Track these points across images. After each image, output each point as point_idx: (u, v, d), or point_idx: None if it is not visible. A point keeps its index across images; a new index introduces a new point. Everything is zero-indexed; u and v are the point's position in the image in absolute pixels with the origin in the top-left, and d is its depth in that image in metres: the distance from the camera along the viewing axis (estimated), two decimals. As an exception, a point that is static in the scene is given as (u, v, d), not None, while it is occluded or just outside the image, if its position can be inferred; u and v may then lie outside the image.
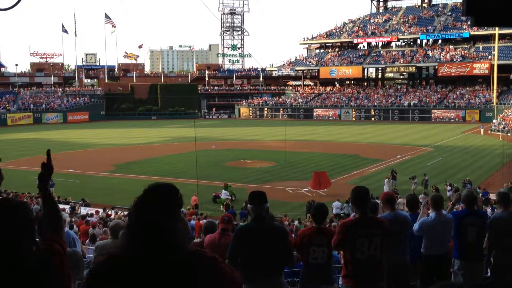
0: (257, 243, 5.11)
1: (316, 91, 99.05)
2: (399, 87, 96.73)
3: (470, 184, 27.86)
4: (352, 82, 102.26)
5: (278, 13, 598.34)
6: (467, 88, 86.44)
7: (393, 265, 6.03)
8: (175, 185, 2.55)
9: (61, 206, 23.25)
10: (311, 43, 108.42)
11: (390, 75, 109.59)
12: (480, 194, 25.30)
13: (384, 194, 7.09)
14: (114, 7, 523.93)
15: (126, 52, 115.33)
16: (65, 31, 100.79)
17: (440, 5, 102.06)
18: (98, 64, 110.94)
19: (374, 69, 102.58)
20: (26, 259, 2.43)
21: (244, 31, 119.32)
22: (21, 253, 2.41)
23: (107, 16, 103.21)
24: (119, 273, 2.33)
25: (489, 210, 18.04)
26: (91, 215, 20.31)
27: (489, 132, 61.56)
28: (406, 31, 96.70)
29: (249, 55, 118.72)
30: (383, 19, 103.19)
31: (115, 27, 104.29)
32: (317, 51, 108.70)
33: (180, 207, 2.53)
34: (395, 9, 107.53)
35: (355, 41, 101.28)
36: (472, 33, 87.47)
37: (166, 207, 2.43)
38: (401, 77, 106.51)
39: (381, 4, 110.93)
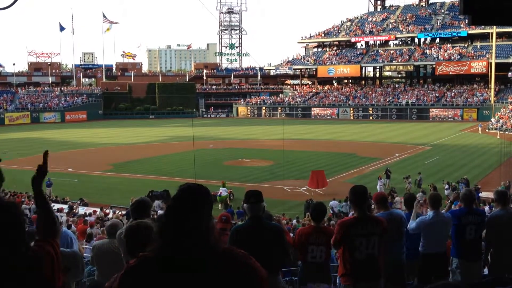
0: (253, 243, 5.11)
1: (314, 90, 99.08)
2: (397, 85, 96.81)
3: (464, 183, 27.83)
4: (350, 81, 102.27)
5: (276, 12, 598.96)
6: (465, 87, 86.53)
7: (389, 263, 6.03)
8: (204, 186, 2.57)
9: (59, 205, 23.27)
10: (309, 42, 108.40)
11: (388, 73, 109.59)
12: None
13: (376, 195, 7.10)
14: (112, 6, 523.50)
15: (123, 51, 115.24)
16: (62, 28, 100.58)
17: (437, 3, 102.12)
18: (95, 63, 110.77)
19: (372, 68, 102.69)
20: (14, 259, 2.42)
21: (242, 30, 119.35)
22: (10, 253, 2.40)
23: (104, 16, 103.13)
24: (153, 274, 2.35)
25: (486, 208, 18.08)
26: (89, 214, 20.31)
27: (487, 130, 61.67)
28: (404, 29, 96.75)
29: (247, 54, 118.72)
30: (381, 18, 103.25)
31: (117, 23, 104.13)
32: (315, 50, 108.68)
33: (212, 207, 2.55)
34: (393, 8, 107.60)
35: (353, 40, 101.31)
36: (469, 31, 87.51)
37: (202, 208, 2.44)
38: (399, 75, 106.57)
39: (378, 2, 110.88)
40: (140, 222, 4.19)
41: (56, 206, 23.03)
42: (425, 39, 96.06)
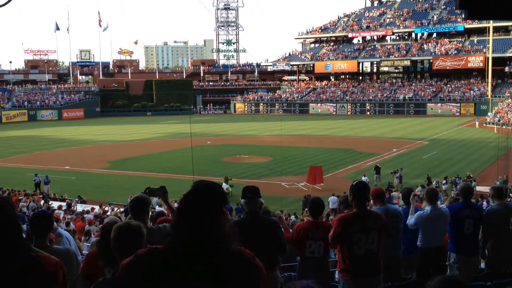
0: (250, 238, 5.11)
1: (311, 86, 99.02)
2: (394, 81, 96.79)
3: (459, 178, 27.85)
4: (347, 76, 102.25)
5: (273, 8, 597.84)
6: (462, 81, 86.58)
7: (386, 258, 6.05)
8: (218, 184, 2.55)
9: (57, 203, 23.25)
10: (306, 38, 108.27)
11: (385, 69, 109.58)
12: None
13: (373, 190, 7.10)
14: (108, 3, 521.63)
15: (120, 48, 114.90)
16: (57, 29, 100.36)
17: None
18: (92, 61, 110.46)
19: (369, 63, 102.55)
20: (11, 261, 2.34)
21: (239, 26, 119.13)
22: (4, 254, 2.33)
23: (99, 13, 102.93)
24: (159, 268, 2.32)
25: (484, 203, 18.14)
26: (87, 212, 20.31)
27: (484, 125, 61.77)
28: (400, 24, 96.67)
29: (244, 50, 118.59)
30: (378, 13, 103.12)
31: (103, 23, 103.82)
32: (312, 45, 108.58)
33: (225, 205, 2.51)
34: (390, 3, 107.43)
35: (350, 35, 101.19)
36: (466, 26, 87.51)
37: (215, 206, 2.42)
38: (396, 71, 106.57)
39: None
40: (131, 222, 4.16)
41: (54, 203, 23.05)
42: (422, 34, 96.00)
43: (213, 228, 2.35)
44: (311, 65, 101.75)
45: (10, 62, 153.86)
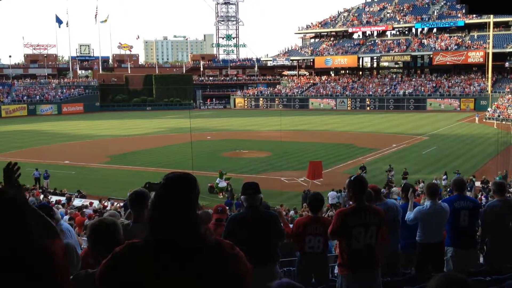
0: (250, 232, 5.12)
1: (311, 81, 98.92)
2: (394, 76, 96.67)
3: (458, 174, 27.84)
4: (347, 71, 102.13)
5: (273, 3, 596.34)
6: (462, 77, 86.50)
7: (385, 253, 6.05)
8: (191, 174, 2.55)
9: (57, 197, 23.27)
10: (306, 33, 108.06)
11: (385, 64, 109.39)
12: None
13: (369, 187, 7.08)
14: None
15: (120, 43, 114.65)
16: (59, 22, 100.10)
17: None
18: (92, 55, 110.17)
19: (369, 58, 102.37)
20: (22, 250, 2.36)
21: (239, 20, 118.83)
22: (17, 243, 2.35)
23: (96, 8, 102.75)
24: (138, 261, 2.31)
25: (483, 198, 18.17)
26: (86, 206, 20.32)
27: (484, 120, 61.75)
28: (401, 19, 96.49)
29: (244, 45, 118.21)
30: (378, 8, 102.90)
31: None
32: (312, 40, 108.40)
33: (198, 195, 2.52)
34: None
35: (350, 30, 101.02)
36: (467, 21, 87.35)
37: (190, 196, 2.43)
38: (396, 66, 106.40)
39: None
40: (104, 219, 4.15)
41: (53, 198, 23.06)
42: (422, 29, 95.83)
43: (188, 220, 2.35)
44: (311, 60, 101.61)
45: (10, 56, 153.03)
